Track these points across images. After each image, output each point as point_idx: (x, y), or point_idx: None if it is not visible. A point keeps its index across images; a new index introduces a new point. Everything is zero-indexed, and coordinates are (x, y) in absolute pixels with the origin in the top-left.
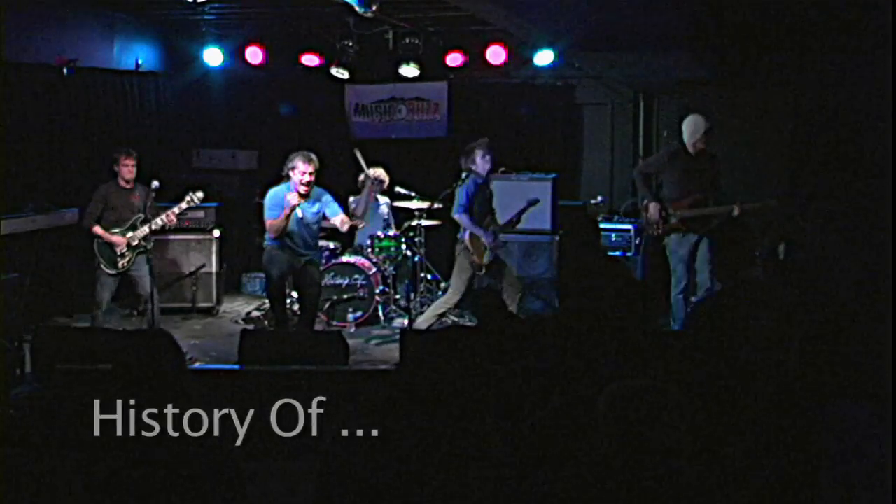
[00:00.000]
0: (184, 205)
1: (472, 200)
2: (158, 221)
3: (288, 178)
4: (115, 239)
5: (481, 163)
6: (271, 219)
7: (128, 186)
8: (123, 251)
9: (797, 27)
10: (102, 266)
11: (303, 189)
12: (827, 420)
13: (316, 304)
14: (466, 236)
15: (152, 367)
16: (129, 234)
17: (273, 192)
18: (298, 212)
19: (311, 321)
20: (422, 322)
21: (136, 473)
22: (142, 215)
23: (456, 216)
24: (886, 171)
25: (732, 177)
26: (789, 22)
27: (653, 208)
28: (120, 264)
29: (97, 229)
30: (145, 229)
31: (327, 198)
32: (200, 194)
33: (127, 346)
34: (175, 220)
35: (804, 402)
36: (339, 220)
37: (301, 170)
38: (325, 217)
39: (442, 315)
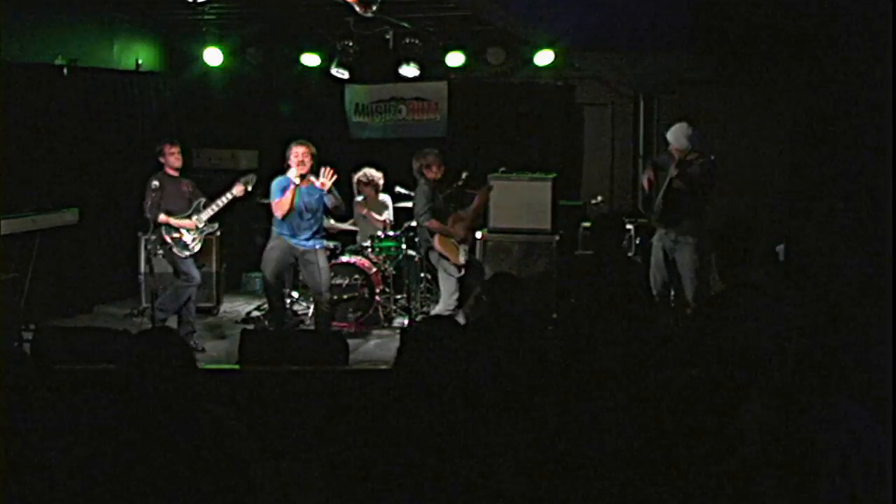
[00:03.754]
0: (240, 188)
1: (430, 204)
2: (221, 202)
3: (288, 168)
4: (187, 223)
5: (429, 173)
6: (277, 199)
7: (175, 175)
8: (194, 235)
9: (797, 27)
10: (176, 251)
11: (300, 168)
12: (826, 419)
13: (324, 292)
14: (436, 241)
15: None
16: (195, 217)
17: (276, 180)
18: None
19: (327, 318)
20: None
21: (140, 474)
22: (203, 199)
23: (425, 224)
24: (886, 171)
25: (733, 177)
26: (789, 22)
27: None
28: (192, 246)
29: (164, 218)
30: (209, 211)
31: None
32: (252, 177)
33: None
34: (238, 192)
35: (803, 402)
36: (330, 200)
37: (294, 151)
38: (325, 206)
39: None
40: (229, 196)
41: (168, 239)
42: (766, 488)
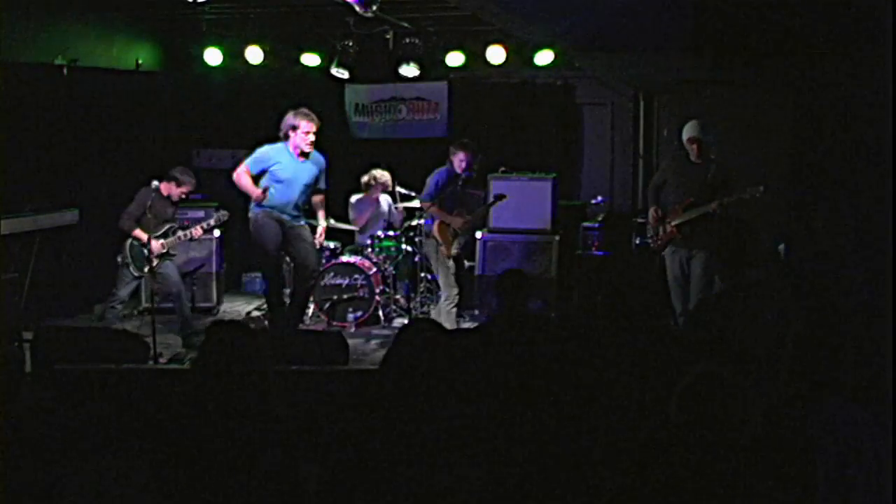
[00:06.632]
0: (212, 222)
1: (440, 190)
2: (191, 233)
3: (286, 137)
4: (154, 244)
5: (455, 161)
6: (246, 169)
7: (167, 198)
8: (154, 256)
9: (797, 27)
10: (131, 268)
11: (307, 148)
12: (826, 419)
13: (313, 267)
14: (434, 226)
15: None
16: (163, 241)
17: (265, 149)
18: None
19: (306, 297)
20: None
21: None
22: (174, 224)
23: (424, 203)
24: (886, 170)
25: (733, 177)
26: (789, 22)
27: (651, 214)
28: (147, 268)
29: (138, 232)
30: (176, 239)
31: (323, 165)
32: (225, 213)
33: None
34: (202, 233)
35: (803, 401)
36: (318, 200)
37: (304, 129)
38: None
39: (458, 313)
40: (202, 228)
41: (130, 254)
42: (765, 487)
